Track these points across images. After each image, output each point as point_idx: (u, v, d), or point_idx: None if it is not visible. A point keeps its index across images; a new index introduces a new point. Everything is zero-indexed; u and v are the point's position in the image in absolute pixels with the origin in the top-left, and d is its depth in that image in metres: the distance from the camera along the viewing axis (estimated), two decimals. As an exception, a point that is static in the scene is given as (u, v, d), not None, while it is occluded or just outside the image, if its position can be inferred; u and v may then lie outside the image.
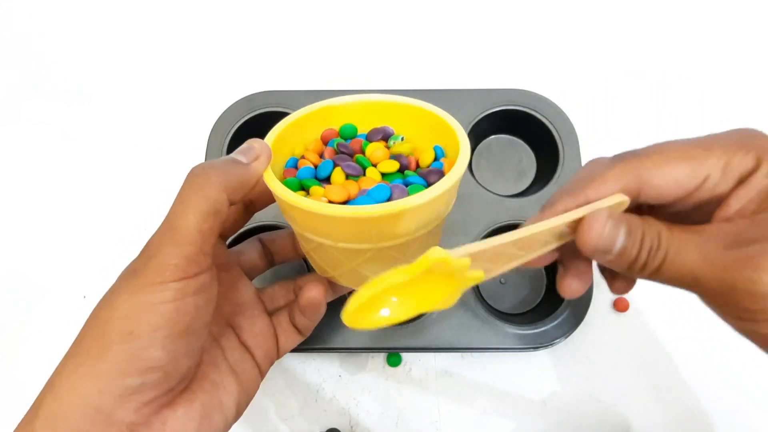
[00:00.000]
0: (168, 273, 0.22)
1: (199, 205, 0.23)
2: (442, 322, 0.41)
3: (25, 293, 0.49)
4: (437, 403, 0.45)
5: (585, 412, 0.45)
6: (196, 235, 0.23)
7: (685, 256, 0.22)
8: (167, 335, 0.22)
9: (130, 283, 0.23)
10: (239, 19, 0.58)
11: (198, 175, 0.24)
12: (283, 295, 0.34)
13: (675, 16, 0.58)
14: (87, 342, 0.23)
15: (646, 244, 0.22)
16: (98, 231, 0.51)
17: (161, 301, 0.22)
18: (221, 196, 0.24)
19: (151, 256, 0.23)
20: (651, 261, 0.22)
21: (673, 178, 0.23)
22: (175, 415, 0.24)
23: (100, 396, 0.21)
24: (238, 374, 0.28)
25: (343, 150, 0.29)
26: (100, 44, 0.58)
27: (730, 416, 0.45)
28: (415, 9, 0.59)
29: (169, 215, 0.24)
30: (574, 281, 0.27)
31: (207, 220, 0.23)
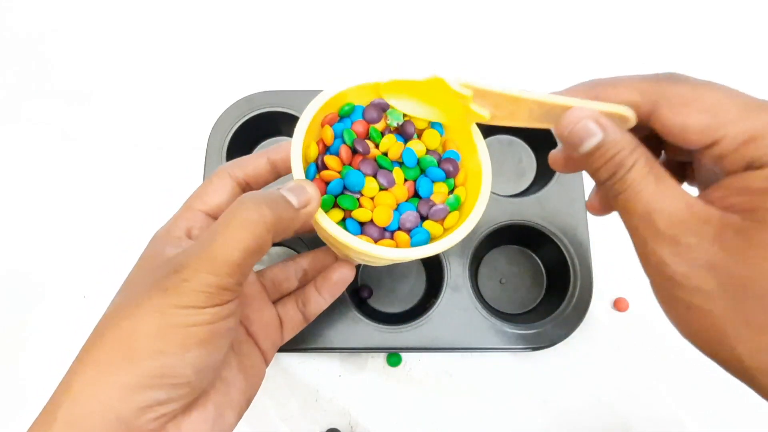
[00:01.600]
0: (202, 299, 0.22)
1: (246, 242, 0.23)
2: (442, 322, 0.41)
3: (25, 293, 0.49)
4: (437, 403, 0.45)
5: (585, 412, 0.45)
6: (236, 269, 0.23)
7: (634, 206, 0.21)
8: (197, 355, 0.23)
9: (161, 301, 0.22)
10: (239, 20, 0.58)
11: (251, 210, 0.23)
12: (284, 280, 0.33)
13: (676, 15, 0.58)
14: (110, 352, 0.22)
15: (614, 162, 0.21)
16: (98, 231, 0.51)
17: (194, 324, 0.22)
18: (269, 237, 0.23)
19: (186, 278, 0.22)
20: (612, 182, 0.21)
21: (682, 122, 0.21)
22: (190, 419, 0.24)
23: (124, 406, 0.22)
24: (247, 368, 0.29)
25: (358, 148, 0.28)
26: (100, 44, 0.57)
27: (730, 416, 0.45)
28: (414, 9, 0.59)
29: (211, 240, 0.23)
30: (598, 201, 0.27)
31: (250, 258, 0.23)
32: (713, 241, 0.19)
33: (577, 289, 0.41)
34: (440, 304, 0.41)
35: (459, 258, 0.42)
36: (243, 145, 0.47)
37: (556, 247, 0.43)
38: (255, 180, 0.29)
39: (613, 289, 0.48)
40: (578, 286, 0.41)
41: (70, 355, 0.24)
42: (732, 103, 0.20)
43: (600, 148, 0.21)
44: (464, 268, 0.42)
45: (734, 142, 0.20)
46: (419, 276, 0.46)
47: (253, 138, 0.48)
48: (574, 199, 0.44)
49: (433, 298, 0.42)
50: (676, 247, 0.20)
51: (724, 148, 0.20)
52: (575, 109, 0.22)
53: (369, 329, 0.41)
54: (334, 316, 0.41)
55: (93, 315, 0.25)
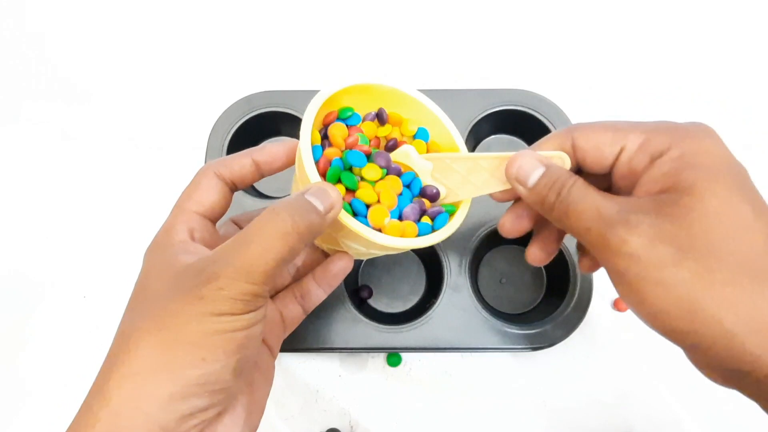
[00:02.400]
0: (240, 307, 0.23)
1: (282, 252, 0.23)
2: (442, 322, 0.41)
3: (26, 293, 0.49)
4: (437, 403, 0.45)
5: (585, 412, 0.45)
6: (270, 278, 0.23)
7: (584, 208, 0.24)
8: (237, 359, 0.23)
9: (199, 309, 0.23)
10: (239, 19, 0.58)
11: (286, 221, 0.24)
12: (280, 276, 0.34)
13: (675, 18, 0.58)
14: (152, 362, 0.22)
15: (557, 185, 0.25)
16: (98, 231, 0.51)
17: (233, 330, 0.23)
18: (301, 246, 0.24)
19: (223, 287, 0.23)
20: (559, 202, 0.24)
21: (594, 142, 0.25)
22: (223, 424, 0.25)
23: (167, 416, 0.22)
24: (261, 367, 0.29)
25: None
26: (100, 44, 0.58)
27: (730, 416, 0.45)
28: (414, 9, 0.59)
29: (246, 249, 0.23)
30: (538, 250, 0.30)
31: (283, 266, 0.24)
32: (657, 216, 0.22)
33: (577, 289, 0.41)
34: (440, 304, 0.41)
35: (459, 258, 0.42)
36: (243, 145, 0.47)
37: (556, 247, 0.43)
38: (241, 180, 0.30)
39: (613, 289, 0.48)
40: (578, 286, 0.41)
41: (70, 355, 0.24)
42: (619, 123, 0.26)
43: (544, 177, 0.25)
44: (464, 268, 0.42)
45: (635, 144, 0.24)
46: (419, 276, 0.46)
47: (253, 138, 0.48)
48: (574, 199, 0.44)
49: (433, 298, 0.42)
50: (631, 226, 0.22)
51: (630, 150, 0.25)
52: (520, 153, 0.26)
53: (369, 329, 0.41)
54: (334, 316, 0.41)
55: (93, 315, 0.25)
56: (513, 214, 0.30)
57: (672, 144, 0.24)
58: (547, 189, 0.25)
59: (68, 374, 0.45)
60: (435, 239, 0.29)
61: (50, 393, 0.45)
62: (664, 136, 0.24)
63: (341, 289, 0.41)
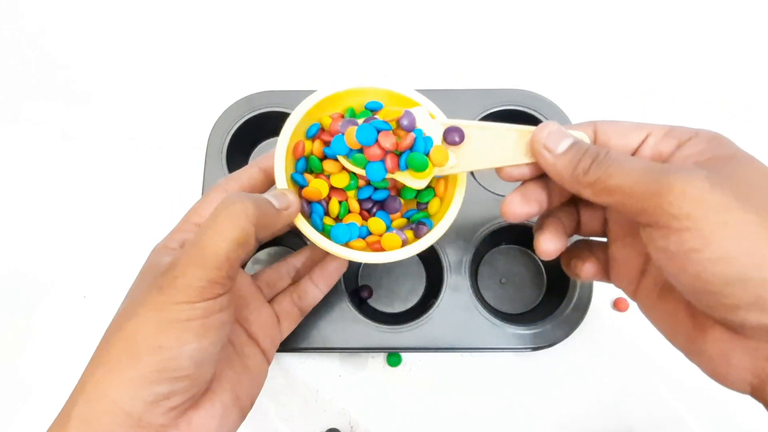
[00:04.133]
0: (196, 294, 0.24)
1: (231, 234, 0.24)
2: (442, 322, 0.41)
3: (26, 293, 0.49)
4: (437, 403, 0.46)
5: (585, 412, 0.45)
6: (224, 263, 0.24)
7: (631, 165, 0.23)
8: (195, 348, 0.24)
9: (157, 299, 0.24)
10: (239, 19, 0.58)
11: (235, 204, 0.25)
12: (278, 279, 0.35)
13: (675, 18, 0.58)
14: (116, 352, 0.24)
15: (591, 153, 0.24)
16: (98, 231, 0.51)
17: (188, 318, 0.24)
18: (252, 230, 0.25)
19: (178, 275, 0.24)
20: (593, 167, 0.24)
21: (619, 129, 0.26)
22: (199, 415, 0.26)
23: (131, 401, 0.23)
24: (250, 367, 0.30)
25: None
26: (100, 44, 0.58)
27: (730, 416, 0.45)
28: (414, 9, 0.59)
29: (200, 238, 0.24)
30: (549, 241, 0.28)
31: (236, 250, 0.24)
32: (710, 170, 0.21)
33: (577, 289, 0.41)
34: (440, 304, 0.41)
35: (459, 258, 0.42)
36: (243, 145, 0.48)
37: (556, 247, 0.43)
38: (251, 189, 0.31)
39: (613, 289, 0.48)
40: (578, 286, 0.41)
41: (70, 355, 0.25)
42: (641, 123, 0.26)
43: (576, 144, 0.25)
44: (464, 268, 0.42)
45: (661, 132, 0.25)
46: (419, 276, 0.46)
47: (253, 138, 0.48)
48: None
49: (433, 298, 0.42)
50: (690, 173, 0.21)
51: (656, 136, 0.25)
52: (547, 122, 0.26)
53: (369, 329, 0.41)
54: (334, 316, 0.41)
55: (93, 315, 0.26)
56: (521, 195, 0.28)
57: (698, 133, 0.24)
58: (581, 153, 0.24)
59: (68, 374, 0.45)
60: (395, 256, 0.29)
61: (50, 393, 0.45)
62: (687, 129, 0.25)
63: (341, 289, 0.41)
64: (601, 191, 0.24)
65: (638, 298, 0.28)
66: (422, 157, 0.28)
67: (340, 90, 0.31)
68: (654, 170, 0.22)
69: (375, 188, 0.31)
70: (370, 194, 0.31)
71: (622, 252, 0.28)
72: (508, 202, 0.28)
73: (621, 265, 0.28)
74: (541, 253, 0.29)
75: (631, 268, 0.28)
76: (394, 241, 0.30)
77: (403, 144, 0.28)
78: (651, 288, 0.27)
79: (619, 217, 0.28)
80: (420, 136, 0.29)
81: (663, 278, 0.26)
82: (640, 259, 0.27)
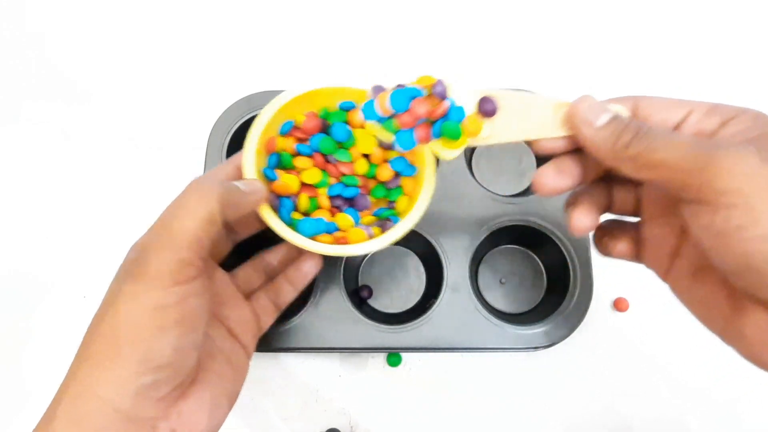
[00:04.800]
0: (168, 278, 0.23)
1: (198, 212, 0.24)
2: (442, 322, 0.41)
3: (26, 293, 0.49)
4: (437, 403, 0.46)
5: (585, 412, 0.45)
6: (193, 241, 0.24)
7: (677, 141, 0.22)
8: (174, 335, 0.24)
9: (131, 287, 0.24)
10: (239, 20, 0.58)
11: (200, 183, 0.25)
12: (255, 277, 0.35)
13: (676, 18, 0.58)
14: (97, 347, 0.23)
15: (633, 127, 0.24)
16: (98, 231, 0.51)
17: (166, 304, 0.23)
18: (219, 208, 0.25)
19: (149, 259, 0.24)
20: (634, 141, 0.23)
21: (660, 104, 0.25)
22: (188, 405, 0.25)
23: (118, 396, 0.23)
24: (232, 362, 0.30)
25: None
26: (100, 44, 0.57)
27: (730, 416, 0.45)
28: (414, 9, 0.59)
29: (165, 219, 0.24)
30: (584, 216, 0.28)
31: (204, 227, 0.24)
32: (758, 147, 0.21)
33: (577, 289, 0.41)
34: (440, 304, 0.41)
35: (459, 258, 0.42)
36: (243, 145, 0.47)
37: (556, 247, 0.43)
38: None
39: (613, 289, 0.48)
40: (578, 286, 0.41)
41: (71, 355, 0.24)
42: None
43: (616, 118, 0.25)
44: (464, 268, 0.42)
45: (703, 109, 0.24)
46: (419, 276, 0.46)
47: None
48: (574, 199, 0.44)
49: (433, 298, 0.42)
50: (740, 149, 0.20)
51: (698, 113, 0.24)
52: (585, 96, 0.26)
53: (369, 329, 0.41)
54: (334, 316, 0.41)
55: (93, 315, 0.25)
56: (555, 168, 0.27)
57: (744, 111, 0.23)
58: (622, 127, 0.24)
59: (68, 374, 0.45)
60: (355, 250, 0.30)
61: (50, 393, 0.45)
62: (731, 108, 0.24)
63: (341, 289, 0.41)
64: (642, 166, 0.23)
65: (670, 280, 0.27)
66: (456, 125, 0.27)
67: (314, 88, 0.32)
68: (701, 145, 0.21)
69: (345, 185, 0.32)
70: (341, 191, 0.32)
71: (655, 232, 0.27)
72: (540, 174, 0.27)
73: (654, 246, 0.27)
74: (573, 230, 0.28)
75: (664, 249, 0.27)
76: (360, 235, 0.31)
77: (437, 112, 0.27)
78: (685, 269, 0.26)
79: (654, 196, 0.27)
80: (453, 105, 0.27)
81: (698, 259, 0.25)
82: (674, 239, 0.26)
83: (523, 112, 0.27)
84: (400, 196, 0.33)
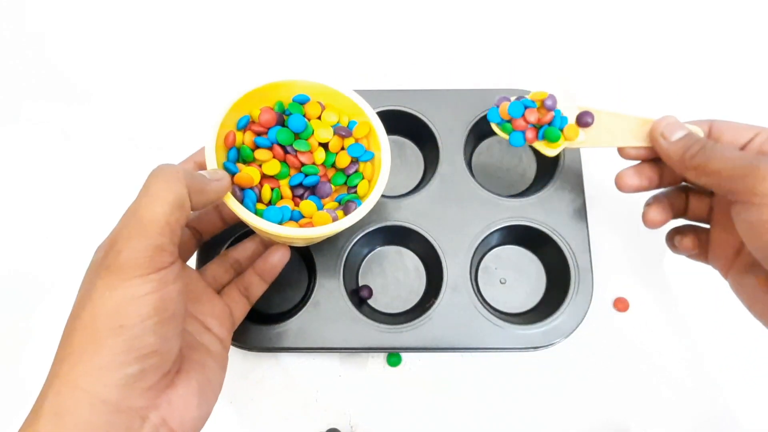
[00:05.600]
0: (145, 266, 0.23)
1: (166, 197, 0.24)
2: (442, 322, 0.41)
3: (26, 293, 0.49)
4: (437, 403, 0.46)
5: (585, 411, 0.45)
6: (164, 227, 0.24)
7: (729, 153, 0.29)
8: (157, 322, 0.24)
9: (107, 279, 0.23)
10: (239, 20, 0.58)
11: (164, 170, 0.26)
12: (223, 272, 0.36)
13: (675, 18, 0.58)
14: (77, 341, 0.23)
15: (701, 142, 0.30)
16: (98, 231, 0.50)
17: (145, 293, 0.23)
18: (185, 191, 0.25)
19: (122, 249, 0.24)
20: (699, 153, 0.30)
21: (732, 126, 0.32)
22: (178, 393, 0.26)
23: (104, 388, 0.22)
24: (212, 353, 0.30)
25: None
26: (100, 44, 0.58)
27: (729, 416, 0.45)
28: (414, 9, 0.59)
29: (134, 207, 0.25)
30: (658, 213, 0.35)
31: (174, 212, 0.24)
32: None
33: (577, 289, 0.41)
34: (440, 304, 0.41)
35: (459, 258, 0.42)
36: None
37: (556, 247, 0.43)
38: None
39: (613, 289, 0.48)
40: (578, 286, 0.41)
41: (70, 355, 0.24)
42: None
43: (688, 135, 0.32)
44: (464, 268, 0.42)
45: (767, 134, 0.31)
46: (419, 276, 0.46)
47: (253, 138, 0.48)
48: (574, 199, 0.44)
49: (433, 298, 0.42)
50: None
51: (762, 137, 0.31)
52: (667, 116, 0.34)
53: (369, 329, 0.41)
54: (334, 316, 0.41)
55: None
56: (634, 169, 0.35)
57: None
58: (691, 141, 0.31)
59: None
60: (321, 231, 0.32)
61: (50, 393, 0.45)
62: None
63: (341, 289, 0.41)
64: (702, 173, 0.30)
65: (730, 276, 0.33)
66: (557, 131, 0.36)
67: (266, 83, 0.34)
68: (747, 158, 0.27)
69: (306, 175, 0.33)
70: (301, 180, 0.33)
71: (722, 235, 0.33)
72: (621, 174, 0.35)
73: (719, 247, 0.34)
74: (646, 222, 0.35)
75: (728, 250, 0.33)
76: (325, 218, 0.32)
77: (544, 119, 0.36)
78: (741, 266, 0.32)
79: (724, 204, 0.33)
80: (558, 115, 0.36)
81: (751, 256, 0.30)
82: (737, 241, 0.32)
83: (613, 125, 0.35)
84: (361, 180, 0.35)
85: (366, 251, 0.46)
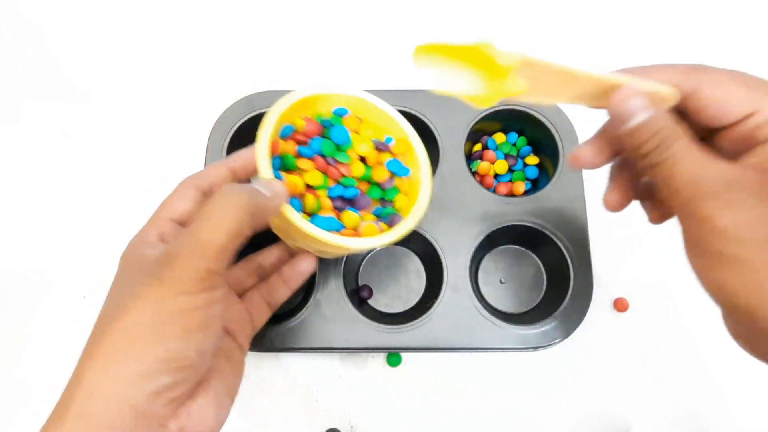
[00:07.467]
0: (195, 284, 0.24)
1: (230, 225, 0.25)
2: (441, 322, 0.41)
3: (26, 293, 0.49)
4: (437, 403, 0.46)
5: (585, 412, 0.45)
6: (222, 253, 0.24)
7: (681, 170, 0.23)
8: (198, 338, 0.24)
9: (158, 290, 0.24)
10: (239, 20, 0.58)
11: (232, 195, 0.25)
12: (246, 277, 0.36)
13: (675, 17, 0.58)
14: (110, 345, 0.24)
15: (659, 136, 0.23)
16: (98, 231, 0.51)
17: (191, 309, 0.24)
18: (248, 220, 0.25)
19: (179, 266, 0.24)
20: (656, 153, 0.23)
21: (722, 95, 0.23)
22: (197, 404, 0.26)
23: (135, 394, 0.23)
24: (231, 359, 0.31)
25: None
26: (100, 44, 0.58)
27: (729, 415, 0.45)
28: (414, 9, 0.59)
29: (198, 229, 0.25)
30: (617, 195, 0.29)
31: (233, 240, 0.25)
32: (758, 197, 0.21)
33: (577, 289, 0.41)
34: (440, 304, 0.41)
35: (459, 258, 0.42)
36: (243, 145, 0.47)
37: (556, 247, 0.43)
38: (218, 187, 0.32)
39: (613, 289, 0.48)
40: (578, 286, 0.41)
41: (70, 355, 0.24)
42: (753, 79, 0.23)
43: (648, 123, 0.23)
44: (464, 268, 0.42)
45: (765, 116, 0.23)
46: (419, 276, 0.46)
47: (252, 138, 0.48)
48: (574, 199, 0.44)
49: (433, 298, 0.42)
50: (723, 202, 0.21)
51: (760, 117, 0.23)
52: (627, 86, 0.24)
53: (369, 329, 0.41)
54: (334, 316, 0.41)
55: (93, 315, 0.25)
56: (594, 146, 0.28)
57: None
58: (648, 135, 0.23)
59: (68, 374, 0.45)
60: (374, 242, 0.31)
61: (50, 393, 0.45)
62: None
63: (341, 289, 0.41)
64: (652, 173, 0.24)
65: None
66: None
67: (311, 94, 0.34)
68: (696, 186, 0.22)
69: (344, 187, 0.33)
70: (342, 192, 0.33)
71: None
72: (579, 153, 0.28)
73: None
74: (604, 202, 0.29)
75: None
76: (373, 230, 0.32)
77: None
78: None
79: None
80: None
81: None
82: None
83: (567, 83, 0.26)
84: (398, 194, 0.35)
85: (366, 251, 0.46)
